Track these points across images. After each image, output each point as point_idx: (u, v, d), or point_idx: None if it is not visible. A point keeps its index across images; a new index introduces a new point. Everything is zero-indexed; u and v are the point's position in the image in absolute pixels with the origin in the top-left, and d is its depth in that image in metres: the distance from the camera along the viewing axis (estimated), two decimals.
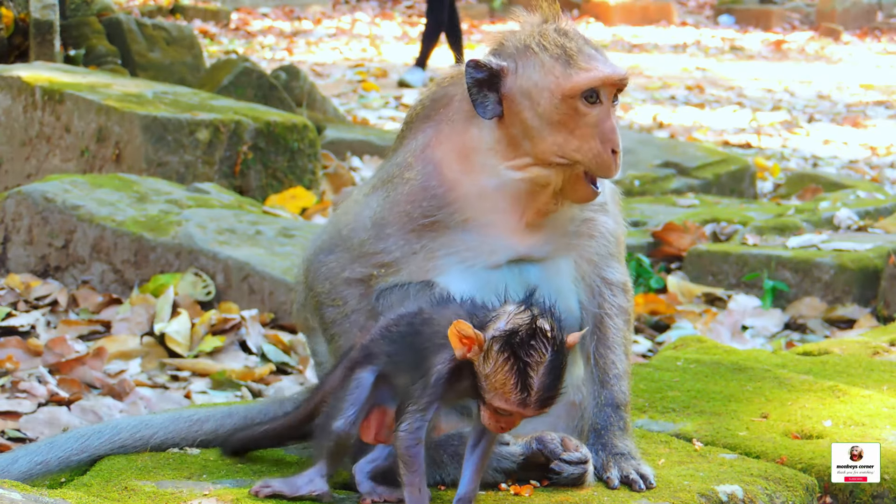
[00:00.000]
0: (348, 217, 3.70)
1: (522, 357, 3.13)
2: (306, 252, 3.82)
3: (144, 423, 3.87)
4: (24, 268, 7.25)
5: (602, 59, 3.58)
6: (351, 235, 3.65)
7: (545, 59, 3.51)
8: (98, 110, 8.54)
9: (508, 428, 3.19)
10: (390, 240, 3.59)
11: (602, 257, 3.72)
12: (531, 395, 3.13)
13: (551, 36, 3.54)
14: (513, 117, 3.54)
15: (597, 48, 3.61)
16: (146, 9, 22.26)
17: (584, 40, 3.58)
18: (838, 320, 7.50)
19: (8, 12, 11.27)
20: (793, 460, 3.95)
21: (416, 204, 3.59)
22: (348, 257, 3.64)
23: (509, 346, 3.14)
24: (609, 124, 3.57)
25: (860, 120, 17.56)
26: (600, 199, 3.71)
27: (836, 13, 28.60)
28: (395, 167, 3.67)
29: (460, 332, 3.15)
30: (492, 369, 3.15)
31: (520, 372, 3.12)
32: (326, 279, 3.66)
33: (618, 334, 3.72)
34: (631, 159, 11.76)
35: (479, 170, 3.59)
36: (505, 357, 3.14)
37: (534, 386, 3.13)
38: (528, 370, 3.13)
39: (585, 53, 3.55)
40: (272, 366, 6.18)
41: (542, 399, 3.14)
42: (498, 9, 28.82)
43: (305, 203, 8.57)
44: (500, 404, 3.15)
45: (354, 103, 16.91)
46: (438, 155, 3.61)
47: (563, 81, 3.50)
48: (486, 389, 3.16)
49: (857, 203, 9.49)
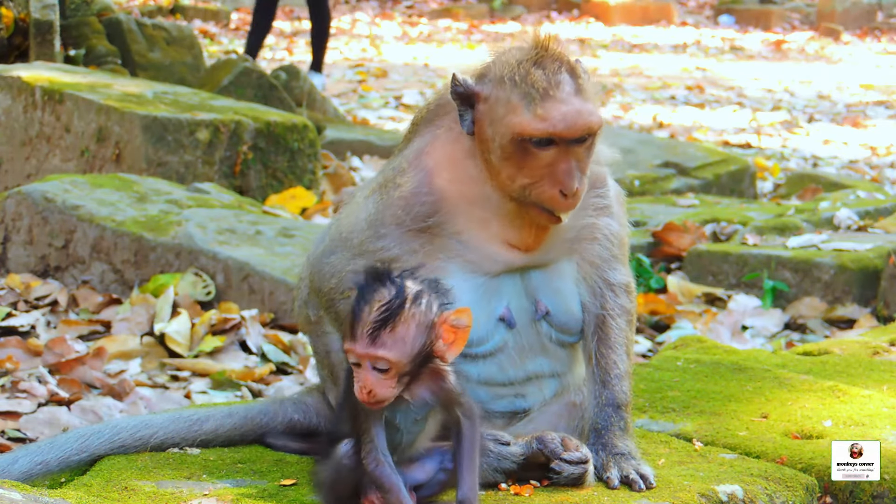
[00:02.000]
0: (348, 219, 3.74)
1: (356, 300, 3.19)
2: (310, 257, 3.85)
3: (144, 423, 3.87)
4: (24, 268, 7.25)
5: (566, 108, 3.45)
6: (350, 236, 3.69)
7: (513, 96, 3.47)
8: (98, 110, 8.54)
9: (367, 387, 3.16)
10: (387, 238, 3.62)
11: (604, 259, 3.73)
12: (358, 330, 3.16)
13: (529, 72, 3.47)
14: (481, 141, 3.56)
15: (576, 90, 3.48)
16: (146, 9, 22.25)
17: (564, 80, 3.47)
18: (838, 320, 7.50)
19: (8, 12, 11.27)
20: (793, 460, 3.95)
21: (407, 209, 3.62)
22: (350, 255, 3.67)
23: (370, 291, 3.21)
24: (563, 167, 3.47)
25: (860, 120, 17.56)
26: (604, 202, 3.72)
27: (836, 13, 28.59)
28: (391, 171, 3.72)
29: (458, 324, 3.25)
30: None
31: (353, 313, 3.19)
32: (333, 276, 3.68)
33: (620, 334, 3.72)
34: (631, 159, 11.76)
35: (468, 180, 3.60)
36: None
37: (359, 321, 3.17)
38: (358, 309, 3.18)
39: (551, 98, 3.45)
40: (272, 366, 6.18)
41: (370, 333, 3.16)
42: (498, 9, 28.82)
43: (305, 203, 8.57)
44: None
45: (354, 103, 16.90)
46: (431, 162, 3.64)
47: (516, 123, 3.46)
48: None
49: (857, 203, 9.49)
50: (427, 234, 3.61)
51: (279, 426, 3.97)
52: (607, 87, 19.57)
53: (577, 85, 3.49)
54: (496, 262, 3.63)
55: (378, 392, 3.14)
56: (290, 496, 3.47)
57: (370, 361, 3.15)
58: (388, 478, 3.18)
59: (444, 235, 3.61)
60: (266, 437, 3.98)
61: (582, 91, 3.49)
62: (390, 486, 3.18)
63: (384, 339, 3.15)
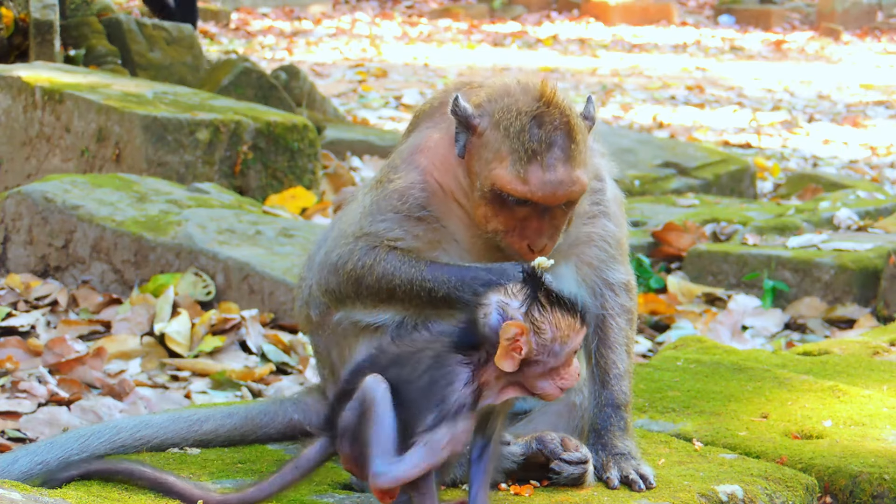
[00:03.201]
0: (348, 216, 3.77)
1: (569, 297, 3.14)
2: (313, 258, 3.85)
3: (144, 423, 3.87)
4: (24, 268, 7.25)
5: (549, 176, 3.42)
6: (349, 227, 3.69)
7: (503, 146, 3.45)
8: (98, 110, 8.54)
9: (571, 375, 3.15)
10: (387, 222, 3.62)
11: (602, 260, 3.73)
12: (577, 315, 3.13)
13: (524, 127, 3.44)
14: (469, 168, 3.56)
15: (566, 156, 3.44)
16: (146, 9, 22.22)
17: (556, 144, 3.44)
18: (838, 320, 7.50)
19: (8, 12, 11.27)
20: (793, 460, 3.95)
21: (402, 199, 3.63)
22: (353, 239, 3.66)
23: (553, 299, 3.13)
24: (535, 226, 3.48)
25: (860, 120, 17.56)
26: (600, 208, 3.72)
27: (836, 13, 28.60)
28: (387, 168, 3.73)
29: (507, 338, 3.09)
30: (554, 328, 3.12)
31: (573, 306, 3.13)
32: (347, 261, 3.65)
33: (620, 334, 3.73)
34: (631, 159, 11.76)
35: (458, 185, 3.61)
36: (554, 307, 3.13)
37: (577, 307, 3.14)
38: (578, 302, 3.14)
39: (537, 163, 3.42)
40: (272, 366, 6.18)
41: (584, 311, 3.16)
42: (498, 9, 28.81)
43: (305, 203, 8.57)
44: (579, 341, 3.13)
45: (354, 103, 16.90)
46: (425, 161, 3.64)
47: (498, 175, 3.45)
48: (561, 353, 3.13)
49: (857, 203, 9.49)
50: (423, 223, 3.61)
51: (279, 426, 3.97)
52: (607, 87, 19.57)
53: (569, 149, 3.45)
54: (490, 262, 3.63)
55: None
56: (290, 496, 3.47)
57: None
58: (431, 488, 3.13)
59: (439, 230, 3.62)
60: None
61: (572, 157, 3.45)
62: (428, 493, 3.14)
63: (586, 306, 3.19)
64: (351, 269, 3.64)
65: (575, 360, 3.16)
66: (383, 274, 3.59)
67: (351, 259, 3.64)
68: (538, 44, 25.14)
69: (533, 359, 3.11)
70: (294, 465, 3.30)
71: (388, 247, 3.60)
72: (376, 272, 3.60)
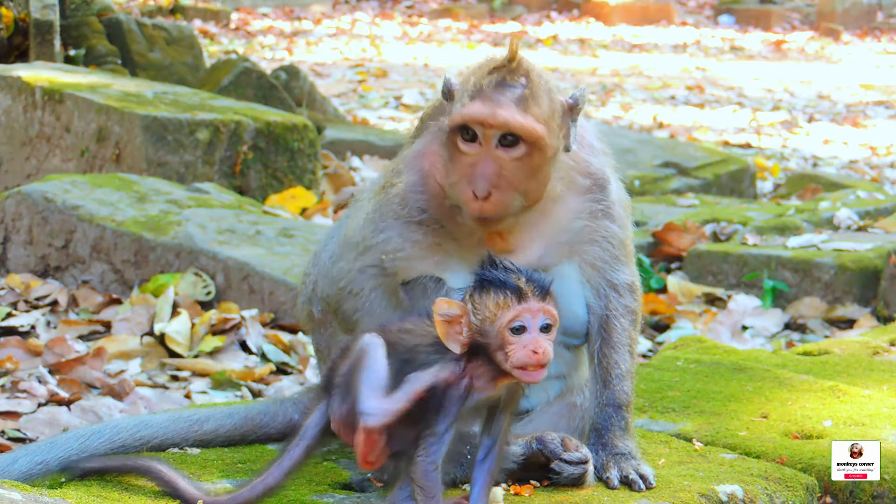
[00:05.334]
0: (352, 222, 3.81)
1: (499, 278, 3.16)
2: (317, 256, 3.87)
3: (144, 423, 3.87)
4: (24, 268, 7.25)
5: (489, 103, 3.45)
6: (353, 237, 3.73)
7: (462, 93, 3.52)
8: (98, 110, 8.54)
9: (541, 351, 3.12)
10: (388, 231, 3.65)
11: (606, 261, 3.73)
12: (526, 290, 3.14)
13: (484, 75, 3.49)
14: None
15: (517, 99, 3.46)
16: (146, 9, 22.24)
17: (508, 87, 3.47)
18: (838, 320, 7.50)
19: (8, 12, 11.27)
20: (793, 460, 3.95)
21: (403, 203, 3.66)
22: (355, 254, 3.70)
23: (484, 282, 3.17)
24: (479, 167, 3.48)
25: (860, 120, 17.56)
26: (600, 207, 3.72)
27: (836, 13, 28.59)
28: (390, 172, 3.77)
29: (442, 316, 3.15)
30: (484, 308, 3.15)
31: (504, 285, 3.14)
32: (341, 278, 3.72)
33: (623, 334, 3.73)
34: (631, 159, 11.76)
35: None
36: (485, 289, 3.16)
37: (523, 282, 3.15)
38: (510, 282, 3.15)
39: (483, 95, 3.46)
40: (272, 366, 6.18)
41: (539, 287, 3.16)
42: (498, 9, 28.81)
43: (305, 203, 8.57)
44: (508, 317, 3.13)
45: (354, 103, 16.90)
46: (427, 164, 3.67)
47: (450, 113, 3.52)
48: (493, 332, 3.14)
49: (857, 203, 9.49)
50: (424, 227, 3.63)
51: (279, 426, 3.97)
52: (607, 87, 19.58)
53: (518, 94, 3.46)
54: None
55: (551, 351, 3.14)
56: (290, 496, 3.47)
57: (542, 318, 3.14)
58: (437, 487, 3.15)
59: (440, 234, 3.63)
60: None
61: (520, 100, 3.46)
62: (435, 494, 3.15)
63: (551, 297, 3.17)
64: (339, 290, 3.70)
65: (531, 338, 3.14)
66: (359, 310, 3.65)
67: (344, 278, 3.69)
68: (538, 44, 25.13)
69: (481, 341, 3.15)
70: (298, 439, 3.30)
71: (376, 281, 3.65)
72: (356, 305, 3.67)
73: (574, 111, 3.59)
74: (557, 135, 3.53)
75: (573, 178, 3.69)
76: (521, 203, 3.52)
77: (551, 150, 3.51)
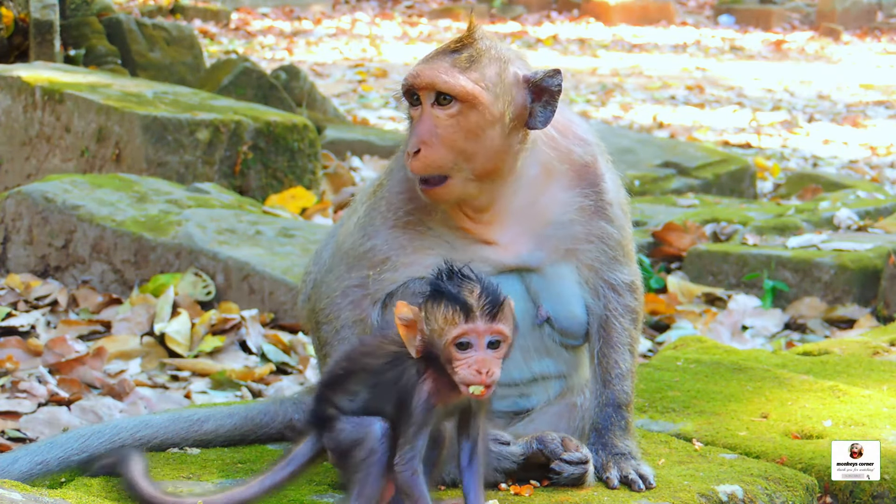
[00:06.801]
0: (345, 227, 3.83)
1: (450, 291, 3.16)
2: (316, 271, 3.87)
3: (144, 423, 3.87)
4: (24, 268, 7.25)
5: (423, 64, 3.54)
6: (345, 243, 3.73)
7: None
8: (98, 110, 8.54)
9: (485, 371, 3.13)
10: (377, 237, 3.65)
11: (603, 262, 3.73)
12: (476, 307, 3.14)
13: (436, 49, 3.58)
14: None
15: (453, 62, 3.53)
16: (146, 9, 22.25)
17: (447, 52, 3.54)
18: (838, 320, 7.50)
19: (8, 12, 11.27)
20: (793, 460, 3.95)
21: (390, 205, 3.69)
22: (345, 267, 3.70)
23: (437, 292, 3.18)
24: (415, 127, 3.54)
25: (860, 120, 17.55)
26: (590, 202, 3.71)
27: (836, 13, 28.59)
28: (384, 172, 3.80)
29: (402, 319, 3.18)
30: (435, 318, 3.16)
31: (454, 298, 3.15)
32: (326, 296, 3.72)
33: (623, 334, 3.72)
34: (631, 159, 11.76)
35: None
36: (437, 301, 3.17)
37: (475, 297, 3.15)
38: (462, 294, 3.15)
39: (423, 60, 3.55)
40: (272, 366, 6.18)
41: (491, 303, 3.15)
42: (498, 9, 28.82)
43: (305, 203, 8.57)
44: (454, 334, 3.14)
45: (354, 103, 16.91)
46: None
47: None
48: (443, 345, 3.15)
49: (857, 203, 9.49)
50: (412, 229, 3.64)
51: (279, 426, 3.97)
52: (607, 87, 19.58)
53: (456, 59, 3.52)
54: (485, 262, 3.64)
55: (496, 371, 3.14)
56: (290, 496, 3.47)
57: (489, 337, 3.15)
58: (422, 491, 3.17)
59: (426, 233, 3.64)
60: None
61: (458, 64, 3.52)
62: (420, 497, 3.16)
63: (503, 315, 3.16)
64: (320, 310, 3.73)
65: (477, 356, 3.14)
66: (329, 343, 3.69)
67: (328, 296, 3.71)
68: (538, 44, 25.14)
69: (432, 351, 3.16)
70: (286, 463, 3.31)
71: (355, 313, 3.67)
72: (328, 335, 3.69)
73: (533, 86, 3.58)
74: (504, 102, 3.54)
75: (552, 164, 3.67)
76: (464, 168, 3.53)
77: (492, 114, 3.52)
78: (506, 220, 3.65)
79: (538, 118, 3.57)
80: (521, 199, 3.65)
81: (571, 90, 18.61)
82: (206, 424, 3.93)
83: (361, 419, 3.22)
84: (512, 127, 3.55)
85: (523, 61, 3.65)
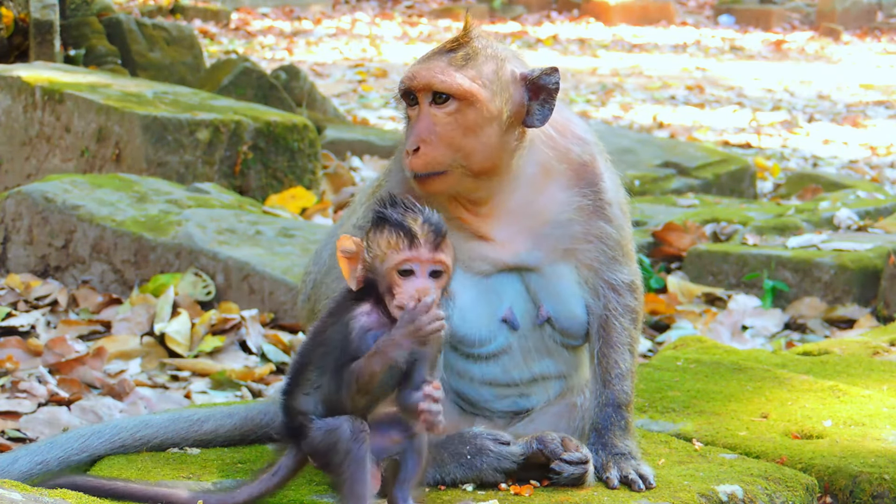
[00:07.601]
0: (344, 227, 3.81)
1: (394, 217, 3.21)
2: (316, 271, 3.87)
3: (144, 423, 3.87)
4: (24, 268, 7.25)
5: (419, 64, 3.56)
6: None
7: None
8: (98, 110, 8.54)
9: (426, 292, 3.16)
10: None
11: (602, 262, 3.72)
12: (419, 236, 3.19)
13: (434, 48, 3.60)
14: None
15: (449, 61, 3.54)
16: (146, 9, 22.25)
17: (444, 52, 3.56)
18: (838, 320, 7.50)
19: (8, 12, 11.27)
20: (793, 460, 3.95)
21: None
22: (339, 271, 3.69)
23: (381, 219, 3.22)
24: (413, 126, 3.56)
25: (860, 120, 17.55)
26: (588, 202, 3.71)
27: (836, 13, 28.59)
28: (383, 172, 3.81)
29: (342, 252, 3.22)
30: (378, 244, 3.21)
31: (399, 224, 3.20)
32: (326, 296, 3.74)
33: (623, 333, 3.72)
34: (631, 159, 11.75)
35: None
36: (380, 227, 3.22)
37: (418, 225, 3.19)
38: (404, 224, 3.20)
39: (420, 60, 3.57)
40: (272, 366, 6.18)
41: (434, 232, 3.20)
42: (498, 9, 28.82)
43: (305, 203, 8.57)
44: (397, 260, 3.17)
45: (354, 103, 16.90)
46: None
47: None
48: (383, 271, 3.19)
49: (857, 203, 9.48)
50: None
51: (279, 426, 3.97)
52: (607, 87, 19.57)
53: (452, 58, 3.54)
54: (483, 260, 3.64)
55: (434, 295, 3.17)
56: (289, 496, 3.47)
57: (432, 266, 3.19)
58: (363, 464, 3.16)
59: None
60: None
61: (454, 62, 3.53)
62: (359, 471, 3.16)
63: (445, 245, 3.22)
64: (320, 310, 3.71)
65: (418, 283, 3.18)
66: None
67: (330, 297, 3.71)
68: (538, 44, 25.14)
69: (372, 279, 3.21)
70: (271, 474, 3.32)
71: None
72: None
73: (531, 84, 3.58)
74: (502, 99, 3.54)
75: (550, 164, 3.67)
76: (461, 165, 3.53)
77: (489, 111, 3.53)
78: (503, 217, 3.65)
79: (536, 116, 3.58)
80: (519, 197, 3.65)
81: (571, 90, 18.62)
82: (206, 424, 3.93)
83: (329, 422, 3.22)
84: (509, 124, 3.55)
85: (520, 60, 3.65)
